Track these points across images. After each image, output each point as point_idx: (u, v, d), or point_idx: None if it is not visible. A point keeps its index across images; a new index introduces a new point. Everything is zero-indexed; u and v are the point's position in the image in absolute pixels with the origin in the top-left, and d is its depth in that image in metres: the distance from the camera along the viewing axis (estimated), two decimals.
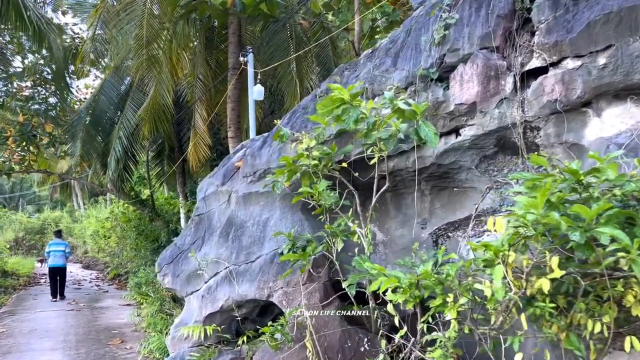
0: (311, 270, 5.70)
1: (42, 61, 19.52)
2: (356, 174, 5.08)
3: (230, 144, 11.99)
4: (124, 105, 16.96)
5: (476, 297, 3.68)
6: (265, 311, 6.76)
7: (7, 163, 17.00)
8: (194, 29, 12.71)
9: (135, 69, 12.47)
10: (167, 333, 8.66)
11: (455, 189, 6.21)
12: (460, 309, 3.74)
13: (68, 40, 19.50)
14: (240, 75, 11.99)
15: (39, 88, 19.75)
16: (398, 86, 5.51)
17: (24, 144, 16.78)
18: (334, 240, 5.34)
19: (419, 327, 4.38)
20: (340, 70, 6.68)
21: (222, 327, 6.43)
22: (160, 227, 19.60)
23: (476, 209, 5.33)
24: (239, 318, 6.38)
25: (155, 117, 13.07)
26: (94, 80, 23.92)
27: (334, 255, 5.35)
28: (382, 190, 4.88)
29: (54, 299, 14.73)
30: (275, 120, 6.27)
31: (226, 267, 6.48)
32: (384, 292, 4.36)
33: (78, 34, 20.52)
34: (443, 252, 4.35)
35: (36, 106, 18.57)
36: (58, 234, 16.96)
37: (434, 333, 4.23)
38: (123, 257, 21.81)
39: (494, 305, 3.22)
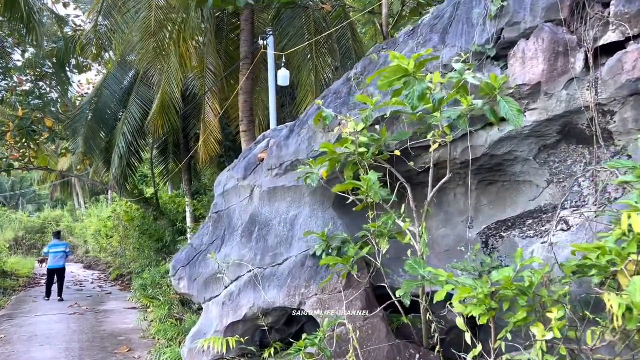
0: (350, 276, 5.02)
1: (42, 53, 18.81)
2: (411, 164, 4.39)
3: (243, 139, 11.28)
4: (128, 100, 16.28)
5: (586, 312, 2.98)
6: (292, 319, 6.06)
7: (5, 160, 16.29)
8: (204, 17, 12.00)
9: (143, 57, 11.73)
10: (180, 342, 7.96)
11: (505, 184, 5.53)
12: (558, 325, 3.04)
13: (70, 33, 18.78)
14: (253, 65, 11.28)
15: (39, 83, 19.07)
16: (446, 65, 4.83)
17: (23, 140, 16.06)
18: (378, 241, 4.64)
19: (493, 344, 3.68)
20: (376, 50, 5.99)
21: (246, 337, 5.73)
22: (164, 226, 18.94)
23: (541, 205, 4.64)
24: (265, 328, 5.67)
25: (165, 112, 12.36)
26: (96, 75, 23.25)
27: (379, 258, 4.66)
28: (442, 182, 4.19)
29: (47, 299, 14.54)
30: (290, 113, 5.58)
31: (250, 271, 5.79)
32: (450, 303, 3.68)
33: (80, 25, 19.80)
34: (521, 255, 3.64)
35: (36, 101, 17.85)
36: (57, 235, 16.39)
37: (514, 353, 3.54)
38: (126, 258, 21.16)
39: (636, 324, 2.51)
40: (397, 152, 4.27)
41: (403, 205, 4.64)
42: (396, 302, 4.51)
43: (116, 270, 22.04)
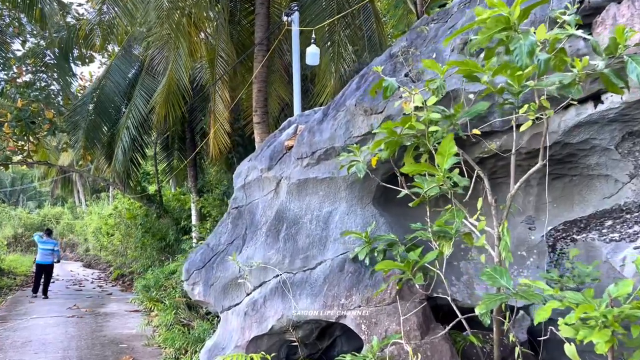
0: (404, 285, 4.21)
1: (43, 43, 18.05)
2: (492, 145, 3.58)
3: (256, 131, 10.47)
4: (132, 93, 15.50)
5: None
6: (323, 332, 5.25)
7: (1, 151, 15.51)
8: (217, 1, 11.21)
9: (151, 44, 10.94)
10: (190, 353, 7.15)
11: (574, 178, 4.72)
12: None
13: (72, 22, 18.01)
14: (268, 52, 10.49)
15: (39, 74, 18.32)
16: None
17: (22, 132, 15.27)
18: (440, 243, 3.83)
19: None
20: (423, 22, 5.18)
21: (272, 354, 4.91)
22: (168, 224, 18.19)
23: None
24: (295, 343, 4.86)
25: (171, 101, 11.55)
26: (98, 67, 22.48)
27: (442, 263, 3.85)
28: (533, 170, 3.37)
29: (35, 295, 14.58)
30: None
31: (277, 275, 4.97)
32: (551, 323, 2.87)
33: (83, 15, 19.03)
34: None
35: (36, 93, 17.08)
36: (49, 232, 16.05)
37: None
38: (127, 257, 20.40)
39: None
40: (476, 131, 3.45)
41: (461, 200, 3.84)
42: (462, 319, 3.69)
43: (117, 269, 21.29)
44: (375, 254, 4.34)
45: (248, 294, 5.20)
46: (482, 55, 4.31)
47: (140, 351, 8.15)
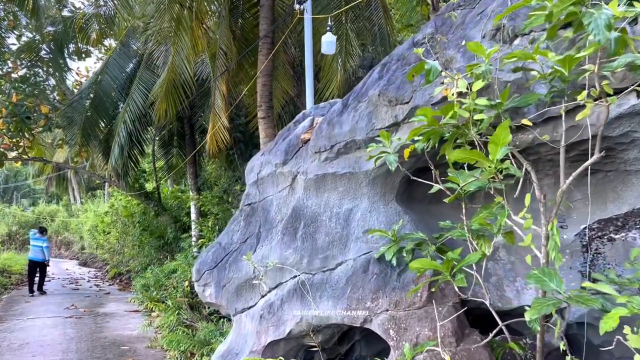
0: (431, 287, 3.93)
1: (38, 37, 17.66)
2: (545, 137, 3.30)
3: (261, 126, 10.15)
4: (130, 87, 15.16)
5: None
6: (343, 336, 4.96)
7: None
8: None
9: (151, 36, 10.62)
10: (196, 356, 6.85)
11: (609, 174, 4.45)
12: None
13: (68, 15, 17.61)
14: (273, 45, 10.18)
15: (34, 69, 17.93)
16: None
17: (17, 127, 14.89)
18: (479, 243, 3.54)
19: None
20: (449, 8, 4.89)
21: (289, 359, 4.62)
22: (166, 222, 17.87)
23: None
24: (317, 349, 4.57)
25: (172, 94, 11.21)
26: (95, 62, 22.11)
27: (482, 265, 3.57)
28: (589, 162, 3.08)
29: (31, 294, 14.65)
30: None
31: (295, 276, 4.68)
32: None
33: (80, 8, 18.64)
34: None
35: (32, 87, 16.71)
36: (42, 230, 16.01)
37: None
38: (124, 255, 20.06)
39: None
40: (526, 121, 3.17)
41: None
42: (502, 325, 3.41)
43: (114, 268, 20.95)
44: (404, 254, 4.06)
45: (263, 296, 4.90)
46: (515, 42, 4.04)
47: (143, 354, 7.85)
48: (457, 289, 3.56)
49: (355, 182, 4.74)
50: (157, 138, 18.60)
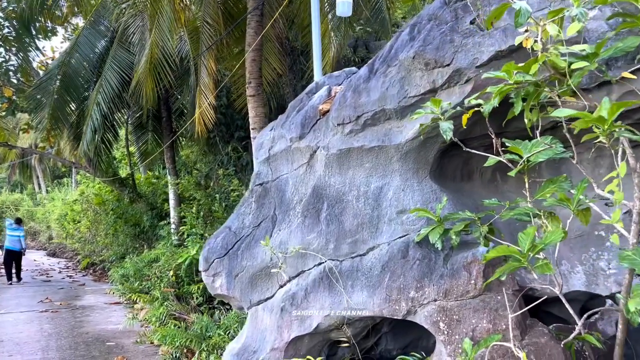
0: (490, 274, 3.47)
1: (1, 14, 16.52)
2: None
3: (250, 104, 9.53)
4: (103, 66, 14.23)
5: None
6: (371, 329, 4.47)
7: None
8: None
9: (130, 7, 9.84)
10: (194, 353, 6.28)
11: None
12: None
13: None
14: (262, 18, 9.54)
15: None
16: None
17: None
18: (548, 222, 3.09)
19: None
20: None
21: (313, 356, 4.10)
22: (142, 209, 17.08)
23: None
24: (344, 344, 4.07)
25: (157, 72, 10.46)
26: (62, 42, 20.86)
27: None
28: None
29: (10, 282, 14.80)
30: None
31: (319, 264, 4.15)
32: None
33: None
34: None
35: None
36: (18, 221, 16.35)
37: None
38: (97, 244, 19.18)
39: None
40: (628, 74, 2.69)
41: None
42: (575, 316, 2.96)
43: (86, 258, 20.03)
44: (453, 236, 3.58)
45: (282, 286, 4.37)
46: None
47: (132, 350, 7.23)
48: (527, 277, 3.11)
49: (384, 157, 4.23)
50: (130, 122, 17.70)
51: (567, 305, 3.11)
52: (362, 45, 15.14)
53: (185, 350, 6.59)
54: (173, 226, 14.86)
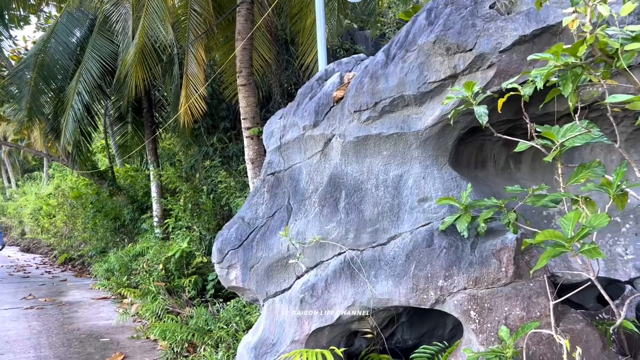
0: (519, 261, 3.44)
1: None
2: None
3: (241, 94, 9.34)
4: (82, 55, 13.82)
5: None
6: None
7: None
8: None
9: None
10: (196, 346, 6.15)
11: None
12: None
13: None
14: (252, 5, 9.35)
15: None
16: None
17: None
18: (586, 207, 3.06)
19: None
20: None
21: (341, 349, 4.02)
22: (122, 203, 16.74)
23: None
24: (367, 335, 4.00)
25: (147, 60, 10.19)
26: (34, 31, 20.20)
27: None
28: None
29: None
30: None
31: (339, 254, 4.07)
32: None
33: None
34: None
35: None
36: None
37: None
38: (75, 239, 18.72)
39: None
40: None
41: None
42: (611, 303, 2.94)
43: (63, 253, 19.53)
44: (482, 224, 3.53)
45: (299, 277, 4.27)
46: None
47: (129, 346, 7.04)
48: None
49: (403, 144, 4.16)
50: (109, 113, 17.28)
51: (602, 292, 3.09)
52: (346, 37, 15.06)
53: (186, 345, 6.45)
54: (156, 219, 14.60)
